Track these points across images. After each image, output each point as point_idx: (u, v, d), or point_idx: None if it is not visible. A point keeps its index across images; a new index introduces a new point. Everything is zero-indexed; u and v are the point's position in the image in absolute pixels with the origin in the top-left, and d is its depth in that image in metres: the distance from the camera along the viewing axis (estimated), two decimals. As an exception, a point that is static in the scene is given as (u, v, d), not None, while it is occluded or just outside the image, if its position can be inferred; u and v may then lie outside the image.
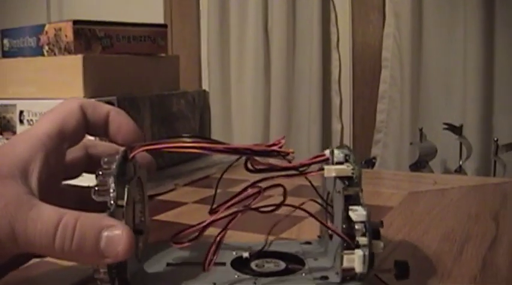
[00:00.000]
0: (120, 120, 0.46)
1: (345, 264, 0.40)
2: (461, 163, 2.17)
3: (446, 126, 2.15)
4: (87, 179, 0.46)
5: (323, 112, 2.48)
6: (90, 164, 0.47)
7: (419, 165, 2.16)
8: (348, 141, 2.51)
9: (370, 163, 2.30)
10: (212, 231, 0.41)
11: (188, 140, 0.38)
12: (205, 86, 2.72)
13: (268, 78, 2.59)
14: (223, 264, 0.45)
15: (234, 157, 0.42)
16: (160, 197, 0.75)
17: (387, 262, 0.48)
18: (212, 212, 0.41)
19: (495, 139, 2.11)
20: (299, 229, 0.60)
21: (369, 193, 0.76)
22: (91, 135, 0.46)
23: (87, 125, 0.45)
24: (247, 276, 0.43)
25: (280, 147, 0.39)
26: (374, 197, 0.74)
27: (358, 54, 2.50)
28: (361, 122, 2.51)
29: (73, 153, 0.46)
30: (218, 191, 0.44)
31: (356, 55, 2.50)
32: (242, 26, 2.63)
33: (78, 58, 0.82)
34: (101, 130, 0.46)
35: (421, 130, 2.25)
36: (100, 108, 0.46)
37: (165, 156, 0.91)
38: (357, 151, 2.49)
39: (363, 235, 0.40)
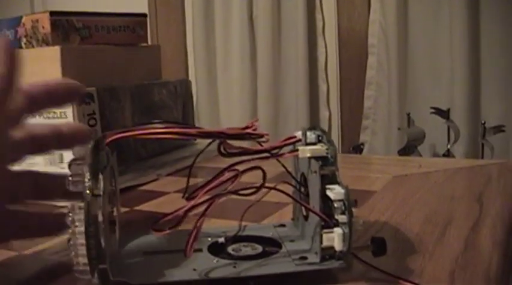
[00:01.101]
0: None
1: (325, 243, 0.40)
2: (449, 146, 2.18)
3: (433, 110, 2.16)
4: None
5: (310, 99, 2.48)
6: (33, 145, 0.47)
7: (408, 150, 2.16)
8: (336, 128, 2.51)
9: (358, 149, 2.31)
10: (187, 219, 0.40)
11: (160, 126, 0.38)
12: (191, 76, 2.71)
13: (255, 66, 2.58)
14: (200, 250, 0.44)
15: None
16: (143, 188, 0.75)
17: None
18: (189, 198, 0.40)
19: (482, 122, 2.11)
20: (280, 215, 0.59)
21: (354, 177, 0.75)
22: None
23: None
24: (227, 261, 0.42)
25: (254, 130, 0.39)
26: (358, 182, 0.73)
27: (344, 40, 2.49)
28: (349, 109, 2.51)
29: (14, 136, 0.46)
30: (200, 179, 0.43)
31: (342, 42, 2.50)
32: (227, 14, 2.61)
33: (56, 49, 0.81)
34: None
35: (408, 115, 2.25)
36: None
37: (148, 147, 0.90)
38: (346, 138, 2.50)
39: (342, 213, 0.39)
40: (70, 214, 0.37)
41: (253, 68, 2.59)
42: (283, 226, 0.51)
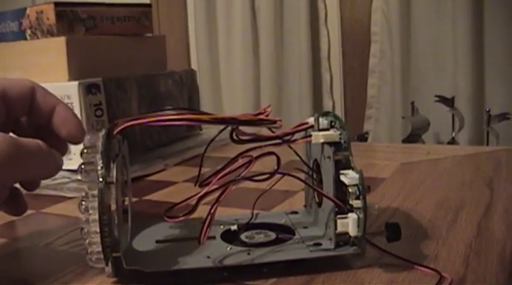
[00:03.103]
0: (66, 114, 0.47)
1: (339, 228, 0.40)
2: (454, 134, 2.17)
3: (437, 98, 2.15)
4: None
5: (313, 89, 2.47)
6: (9, 110, 0.47)
7: (412, 139, 2.16)
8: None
9: (362, 138, 2.30)
10: (200, 209, 0.40)
11: (173, 112, 0.37)
12: (194, 67, 2.70)
13: (257, 57, 2.57)
14: (213, 238, 0.44)
15: (225, 136, 0.41)
16: (150, 178, 0.74)
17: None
18: (202, 185, 0.40)
19: (487, 109, 2.10)
20: (290, 203, 0.59)
21: (361, 165, 0.75)
22: (32, 119, 0.48)
23: (32, 104, 0.46)
24: (240, 248, 0.42)
25: (267, 116, 0.38)
26: (366, 169, 0.73)
27: (347, 29, 2.48)
28: (352, 97, 2.50)
29: None
30: (207, 169, 0.43)
31: (345, 31, 2.49)
32: (229, 4, 2.61)
33: (61, 40, 0.80)
34: (44, 117, 0.47)
35: (412, 103, 2.24)
36: (49, 97, 0.47)
37: (154, 137, 0.89)
38: (350, 127, 2.48)
39: (357, 198, 0.39)
40: (83, 202, 0.37)
41: (256, 58, 2.58)
42: (295, 213, 0.51)
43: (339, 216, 0.40)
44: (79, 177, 0.39)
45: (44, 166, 0.44)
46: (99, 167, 0.37)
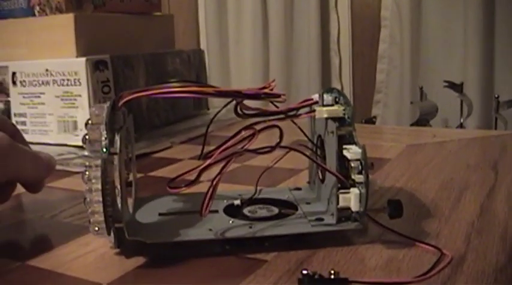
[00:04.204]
0: None
1: (341, 203, 0.40)
2: (462, 120, 2.16)
3: (446, 84, 2.14)
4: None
5: (322, 73, 2.47)
6: None
7: (420, 124, 2.16)
8: (348, 101, 2.50)
9: (370, 122, 2.30)
10: (203, 185, 0.40)
11: (177, 84, 0.37)
12: (203, 48, 2.70)
13: (267, 40, 2.57)
14: (216, 211, 0.44)
15: (231, 115, 0.41)
16: (156, 155, 0.75)
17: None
18: (205, 157, 0.40)
19: (496, 95, 2.10)
20: (295, 181, 0.59)
21: (367, 146, 0.74)
22: None
23: None
24: (242, 222, 0.42)
25: (271, 90, 0.38)
26: (372, 150, 0.73)
27: (357, 13, 2.47)
28: (361, 82, 2.50)
29: None
30: (213, 147, 0.43)
31: (355, 15, 2.48)
32: (239, -13, 2.60)
33: (70, 17, 0.80)
34: None
35: (421, 89, 2.24)
36: None
37: (161, 115, 0.90)
38: (358, 111, 2.49)
39: (359, 172, 0.39)
40: (86, 172, 0.37)
41: (266, 42, 2.58)
42: (299, 189, 0.51)
43: (341, 191, 0.40)
44: (85, 153, 0.39)
45: (35, 166, 0.46)
46: (104, 138, 0.38)
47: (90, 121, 0.39)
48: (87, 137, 0.38)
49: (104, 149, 0.37)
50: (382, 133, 0.94)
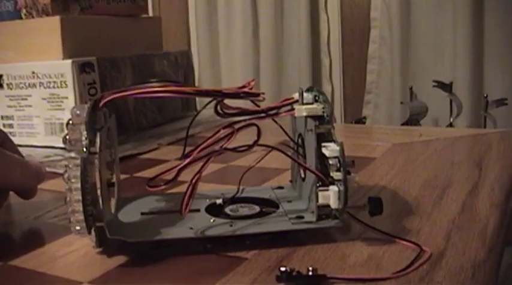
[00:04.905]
0: None
1: (320, 201, 0.40)
2: (451, 120, 2.17)
3: (436, 84, 2.15)
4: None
5: (313, 74, 2.47)
6: None
7: (410, 124, 2.16)
8: (338, 102, 2.51)
9: (360, 122, 2.31)
10: (186, 183, 0.41)
11: (157, 84, 0.38)
12: (194, 51, 2.70)
13: (257, 41, 2.57)
14: (198, 210, 0.45)
15: (221, 118, 0.41)
16: (143, 156, 0.75)
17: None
18: (186, 156, 0.41)
19: (485, 95, 2.10)
20: (279, 180, 0.59)
21: (354, 145, 0.75)
22: None
23: None
24: (223, 220, 0.43)
25: (251, 89, 0.39)
26: (358, 149, 0.73)
27: (347, 14, 2.48)
28: (351, 83, 2.50)
29: None
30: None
31: (345, 16, 2.49)
32: (229, -11, 2.60)
33: (56, 19, 0.81)
34: None
35: (411, 89, 2.24)
36: None
37: (148, 116, 0.90)
38: (348, 112, 2.49)
39: (337, 170, 0.39)
40: (66, 171, 0.37)
41: (256, 43, 2.58)
42: (281, 188, 0.51)
43: (320, 188, 0.40)
44: (72, 154, 0.39)
45: (24, 174, 0.47)
46: (84, 138, 0.38)
47: (71, 122, 0.39)
48: (67, 137, 0.39)
49: (84, 149, 0.38)
50: (370, 132, 0.94)
